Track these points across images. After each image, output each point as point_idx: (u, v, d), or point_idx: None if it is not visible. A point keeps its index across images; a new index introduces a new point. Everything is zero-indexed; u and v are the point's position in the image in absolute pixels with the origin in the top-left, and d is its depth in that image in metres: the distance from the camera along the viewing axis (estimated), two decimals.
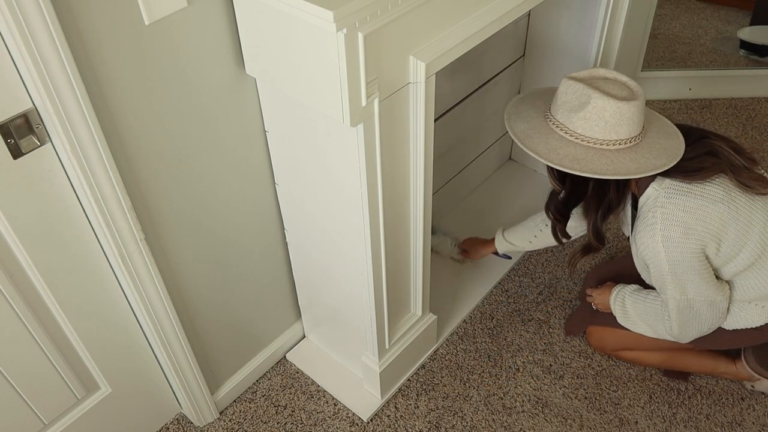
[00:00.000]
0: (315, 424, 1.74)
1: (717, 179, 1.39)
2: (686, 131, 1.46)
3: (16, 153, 1.07)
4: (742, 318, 1.53)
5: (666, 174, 1.39)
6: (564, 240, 1.67)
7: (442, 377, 1.83)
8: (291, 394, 1.81)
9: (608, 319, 1.71)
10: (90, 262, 1.29)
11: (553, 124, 1.42)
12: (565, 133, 1.40)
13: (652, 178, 1.40)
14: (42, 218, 1.17)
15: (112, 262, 1.31)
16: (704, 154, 1.40)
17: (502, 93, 2.15)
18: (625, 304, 1.65)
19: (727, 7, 3.29)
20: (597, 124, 1.36)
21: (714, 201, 1.37)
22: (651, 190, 1.41)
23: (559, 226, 1.63)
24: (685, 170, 1.38)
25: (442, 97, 1.87)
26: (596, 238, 1.53)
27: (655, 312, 1.58)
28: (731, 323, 1.55)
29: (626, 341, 1.73)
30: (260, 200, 1.53)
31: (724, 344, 1.61)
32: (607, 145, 1.37)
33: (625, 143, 1.38)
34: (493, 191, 2.34)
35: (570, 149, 1.39)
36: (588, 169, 1.37)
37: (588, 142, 1.38)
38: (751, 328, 1.54)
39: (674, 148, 1.40)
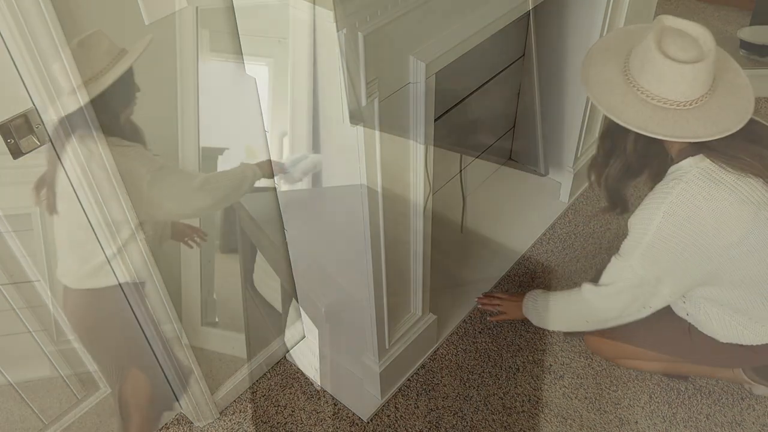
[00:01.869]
0: (315, 424, 1.74)
1: (758, 181, 1.28)
2: (758, 128, 1.33)
3: (16, 153, 1.07)
4: (738, 332, 1.48)
5: (708, 152, 1.29)
6: (592, 177, 1.55)
7: (442, 377, 1.83)
8: (291, 394, 1.81)
9: (605, 330, 1.70)
10: (90, 261, 1.29)
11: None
12: (625, 63, 1.35)
13: (694, 151, 1.31)
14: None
15: (112, 261, 1.30)
16: (745, 150, 1.29)
17: (502, 93, 2.15)
18: (538, 307, 1.71)
19: (727, 7, 3.29)
20: (634, 64, 1.31)
21: (742, 201, 1.28)
22: (686, 163, 1.31)
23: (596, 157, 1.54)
24: (720, 153, 1.29)
25: (443, 97, 1.86)
26: (606, 191, 1.49)
27: (568, 305, 1.63)
28: (725, 335, 1.49)
29: (623, 352, 1.72)
30: (260, 200, 1.52)
31: (721, 363, 1.61)
32: (638, 89, 1.30)
33: (655, 100, 1.28)
34: (493, 191, 2.34)
35: (611, 75, 1.34)
36: (596, 91, 1.33)
37: (627, 76, 1.32)
38: (749, 349, 1.50)
39: (696, 129, 1.26)
